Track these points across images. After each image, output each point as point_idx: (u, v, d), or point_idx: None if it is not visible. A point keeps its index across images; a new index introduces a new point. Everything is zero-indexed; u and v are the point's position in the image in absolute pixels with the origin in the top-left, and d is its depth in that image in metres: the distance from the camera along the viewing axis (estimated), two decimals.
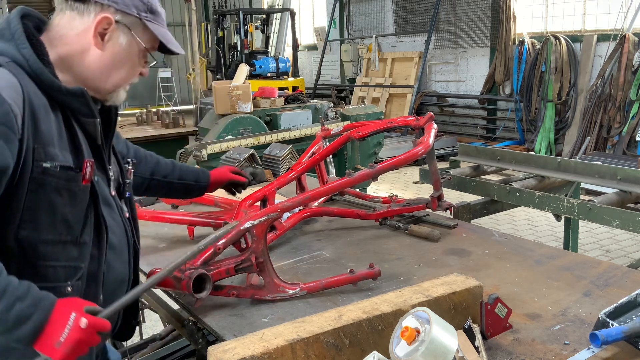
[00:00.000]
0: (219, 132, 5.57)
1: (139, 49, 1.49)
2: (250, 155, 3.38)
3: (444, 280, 1.62)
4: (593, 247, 5.79)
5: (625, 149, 8.32)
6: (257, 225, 1.79)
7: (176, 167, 2.06)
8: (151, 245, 2.40)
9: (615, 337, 1.42)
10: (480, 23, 11.19)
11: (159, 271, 1.78)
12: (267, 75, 12.54)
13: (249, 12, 14.70)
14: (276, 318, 1.71)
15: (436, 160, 2.39)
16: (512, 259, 2.12)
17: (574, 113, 9.26)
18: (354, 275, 1.87)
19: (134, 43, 1.48)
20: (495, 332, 1.55)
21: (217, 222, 2.34)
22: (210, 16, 18.30)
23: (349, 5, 14.56)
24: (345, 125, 2.77)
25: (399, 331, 1.24)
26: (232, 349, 1.30)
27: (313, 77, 14.67)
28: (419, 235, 2.37)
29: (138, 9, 1.46)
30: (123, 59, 1.48)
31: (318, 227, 2.57)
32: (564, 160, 3.32)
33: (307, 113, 6.46)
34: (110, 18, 1.43)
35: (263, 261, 1.80)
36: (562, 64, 9.37)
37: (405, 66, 12.36)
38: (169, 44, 1.52)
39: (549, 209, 2.99)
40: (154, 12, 1.50)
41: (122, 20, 1.45)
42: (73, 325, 1.26)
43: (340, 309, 1.46)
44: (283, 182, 2.49)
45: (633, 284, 1.85)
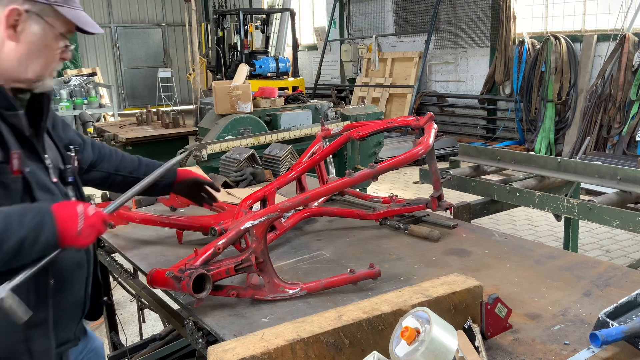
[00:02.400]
0: (219, 132, 5.57)
1: (54, 34, 1.49)
2: (250, 155, 3.38)
3: (444, 280, 1.62)
4: (593, 247, 5.79)
5: (625, 149, 8.32)
6: (257, 225, 1.79)
7: (142, 163, 2.08)
8: (151, 245, 2.40)
9: (615, 337, 1.42)
10: (480, 23, 11.20)
11: (159, 271, 1.79)
12: (267, 75, 12.54)
13: (249, 12, 14.70)
14: (276, 318, 1.71)
15: (436, 160, 2.39)
16: (512, 259, 2.12)
17: (574, 113, 9.26)
18: (354, 275, 1.87)
19: (48, 30, 1.47)
20: (495, 332, 1.55)
21: (207, 226, 2.28)
22: (210, 16, 18.30)
23: (349, 5, 14.56)
24: (345, 125, 2.76)
25: (399, 331, 1.24)
26: (232, 349, 1.30)
27: (313, 77, 14.67)
28: (419, 235, 2.37)
29: None
30: (40, 47, 1.48)
31: (318, 227, 2.57)
32: (564, 160, 3.32)
33: (307, 113, 6.46)
34: (19, 9, 1.43)
35: (263, 261, 1.80)
36: (562, 64, 9.37)
37: (405, 66, 12.36)
38: (84, 25, 1.52)
39: (549, 209, 2.99)
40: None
41: (32, 9, 1.44)
42: (84, 214, 1.43)
43: (340, 309, 1.46)
44: (283, 182, 2.49)
45: (633, 284, 1.85)
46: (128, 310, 4.54)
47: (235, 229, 1.81)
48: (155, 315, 4.09)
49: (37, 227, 1.36)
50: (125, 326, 4.06)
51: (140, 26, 19.54)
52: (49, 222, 1.38)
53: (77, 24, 1.50)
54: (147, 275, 1.84)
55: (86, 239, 1.44)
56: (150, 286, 1.85)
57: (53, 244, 1.39)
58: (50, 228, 1.38)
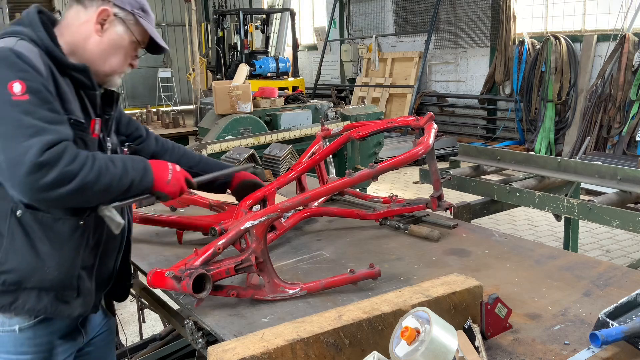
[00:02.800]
0: (219, 132, 5.58)
1: (131, 40, 1.78)
2: (250, 155, 3.38)
3: (444, 280, 1.62)
4: (593, 247, 5.79)
5: (625, 149, 8.32)
6: (257, 225, 1.79)
7: (202, 161, 2.27)
8: (151, 245, 2.40)
9: (615, 337, 1.42)
10: (480, 23, 11.20)
11: (159, 271, 1.79)
12: (267, 75, 12.54)
13: (249, 12, 14.70)
14: (276, 318, 1.71)
15: (436, 160, 2.39)
16: (512, 259, 2.12)
17: (574, 113, 9.26)
18: (354, 275, 1.87)
19: (127, 34, 1.77)
20: (495, 332, 1.55)
21: (207, 226, 2.29)
22: (210, 16, 18.30)
23: (349, 5, 14.56)
24: (345, 125, 2.76)
25: (399, 331, 1.24)
26: (232, 349, 1.30)
27: (313, 77, 14.67)
28: (419, 235, 2.37)
29: (132, 6, 1.77)
30: (118, 47, 1.77)
31: (318, 227, 2.57)
32: (564, 160, 3.32)
33: (307, 113, 6.46)
34: (109, 10, 1.74)
35: (263, 261, 1.80)
36: (562, 64, 9.37)
37: (405, 66, 12.36)
38: (157, 38, 1.84)
39: (549, 209, 2.99)
40: (145, 11, 1.81)
41: (119, 13, 1.75)
42: (172, 169, 1.82)
43: (340, 309, 1.46)
44: (283, 182, 2.49)
45: (633, 284, 1.85)
46: (128, 310, 4.54)
47: (235, 229, 1.81)
48: (155, 315, 4.09)
49: (142, 172, 1.72)
50: (125, 326, 4.06)
51: None
52: (149, 169, 1.74)
53: (152, 35, 1.82)
54: (147, 275, 1.84)
55: (174, 188, 1.80)
56: (150, 286, 1.85)
57: (150, 187, 1.75)
58: (150, 174, 1.74)
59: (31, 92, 1.54)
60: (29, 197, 1.52)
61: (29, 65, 1.57)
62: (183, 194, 1.89)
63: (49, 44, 1.66)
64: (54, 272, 1.68)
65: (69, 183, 1.52)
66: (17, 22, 1.72)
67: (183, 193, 1.88)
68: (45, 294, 1.69)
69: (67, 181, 1.51)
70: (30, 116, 1.52)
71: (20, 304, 1.67)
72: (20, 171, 1.47)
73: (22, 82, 1.53)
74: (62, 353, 1.82)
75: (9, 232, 1.64)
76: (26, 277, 1.66)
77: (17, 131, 1.50)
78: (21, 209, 1.63)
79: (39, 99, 1.55)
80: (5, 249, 1.65)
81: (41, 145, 1.49)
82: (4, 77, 1.53)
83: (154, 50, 1.88)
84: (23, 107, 1.52)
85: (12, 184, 1.51)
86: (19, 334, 1.72)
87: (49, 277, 1.68)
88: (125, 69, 1.82)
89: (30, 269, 1.66)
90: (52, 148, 1.50)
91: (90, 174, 1.56)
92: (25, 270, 1.66)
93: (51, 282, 1.69)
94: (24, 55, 1.58)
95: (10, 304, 1.67)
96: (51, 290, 1.70)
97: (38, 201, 1.55)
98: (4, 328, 1.71)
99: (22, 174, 1.47)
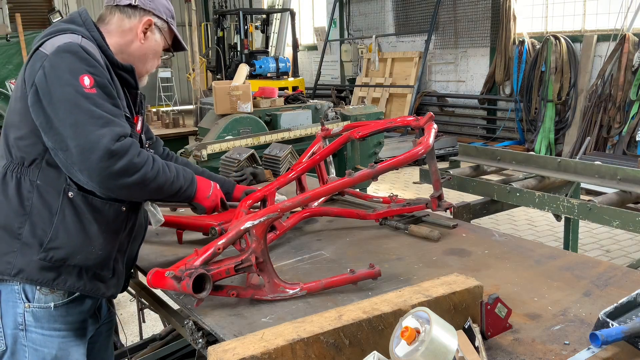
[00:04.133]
0: (219, 132, 5.57)
1: (163, 44, 1.99)
2: (250, 155, 3.37)
3: (444, 280, 1.61)
4: (593, 247, 5.79)
5: (625, 149, 8.32)
6: (257, 225, 1.79)
7: (204, 174, 2.35)
8: (151, 245, 2.40)
9: (615, 337, 1.42)
10: (480, 23, 11.20)
11: (159, 271, 1.79)
12: (267, 75, 12.54)
13: (249, 12, 14.70)
14: (276, 318, 1.71)
15: (436, 160, 2.39)
16: (512, 259, 2.12)
17: (574, 113, 9.26)
18: (354, 275, 1.87)
19: (162, 40, 1.98)
20: (495, 332, 1.55)
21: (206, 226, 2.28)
22: (210, 16, 18.31)
23: (349, 5, 14.56)
24: (345, 125, 2.76)
25: (399, 331, 1.24)
26: (232, 349, 1.30)
27: (313, 77, 14.67)
28: (419, 235, 2.37)
29: (167, 15, 1.98)
30: (154, 51, 1.97)
31: (318, 227, 2.57)
32: (564, 160, 3.32)
33: (307, 113, 6.45)
34: (152, 20, 1.93)
35: (263, 261, 1.80)
36: (562, 64, 9.37)
37: (405, 66, 12.36)
38: (181, 40, 2.07)
39: (549, 209, 2.99)
40: (174, 18, 2.03)
41: (157, 22, 1.95)
42: (214, 187, 2.10)
43: (340, 309, 1.46)
44: (283, 182, 2.49)
45: (633, 284, 1.85)
46: (128, 310, 4.54)
47: (235, 229, 1.81)
48: (155, 315, 4.09)
49: (190, 182, 1.95)
50: (125, 326, 4.06)
51: None
52: (195, 182, 1.99)
53: (180, 40, 2.04)
54: (147, 275, 1.84)
55: (212, 203, 2.08)
56: (150, 286, 1.85)
57: (192, 196, 1.98)
58: (195, 186, 1.99)
59: (99, 87, 1.67)
60: (97, 181, 1.63)
61: (96, 61, 1.70)
62: (216, 211, 2.13)
63: (102, 43, 1.81)
64: (98, 251, 1.80)
65: (133, 175, 1.66)
66: (70, 21, 1.83)
67: (217, 211, 2.12)
68: (85, 272, 1.80)
69: (132, 172, 1.66)
70: (99, 108, 1.64)
71: (62, 280, 1.77)
72: (93, 156, 1.59)
73: (91, 77, 1.66)
74: (90, 331, 1.97)
75: (60, 211, 1.74)
76: (72, 255, 1.75)
77: (90, 120, 1.62)
78: (73, 191, 1.74)
79: (105, 93, 1.68)
80: (56, 227, 1.74)
81: (113, 135, 1.62)
82: (76, 70, 1.65)
83: (176, 49, 2.08)
84: (93, 100, 1.64)
85: (82, 168, 1.62)
86: (54, 311, 1.81)
87: (93, 257, 1.79)
88: (153, 70, 2.04)
89: (78, 247, 1.76)
90: (121, 139, 1.64)
91: (151, 171, 1.72)
92: (73, 248, 1.75)
93: (94, 261, 1.80)
94: (91, 52, 1.71)
95: (53, 279, 1.76)
96: (91, 269, 1.81)
97: (104, 186, 1.66)
98: (40, 304, 1.79)
99: (95, 159, 1.59)
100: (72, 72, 1.65)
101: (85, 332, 1.93)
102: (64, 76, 1.64)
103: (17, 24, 8.85)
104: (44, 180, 1.74)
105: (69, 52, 1.67)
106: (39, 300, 1.78)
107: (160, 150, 2.35)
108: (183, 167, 1.95)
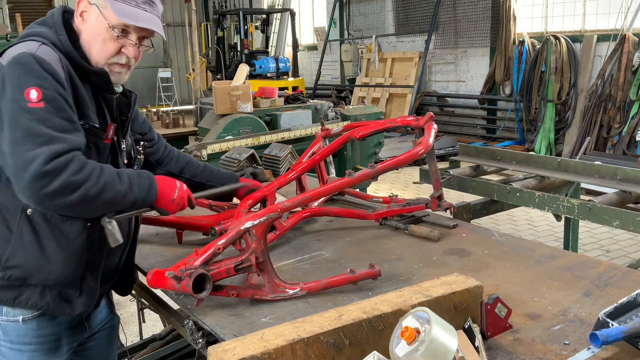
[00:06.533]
0: (219, 132, 5.57)
1: (105, 26, 1.70)
2: (250, 155, 3.37)
3: (444, 280, 1.61)
4: (593, 247, 5.79)
5: (625, 149, 8.32)
6: (257, 225, 1.79)
7: (206, 170, 2.30)
8: (151, 245, 2.40)
9: (615, 337, 1.42)
10: (480, 23, 11.19)
11: (159, 271, 1.79)
12: (267, 75, 12.53)
13: (249, 12, 14.70)
14: (276, 318, 1.71)
15: (436, 160, 2.39)
16: (512, 259, 2.12)
17: (574, 113, 9.26)
18: (354, 275, 1.87)
19: (101, 20, 1.70)
20: (495, 332, 1.55)
21: (206, 226, 2.29)
22: (210, 16, 18.31)
23: (349, 5, 14.56)
24: (345, 125, 2.76)
25: (399, 331, 1.24)
26: (232, 349, 1.30)
27: (313, 77, 14.67)
28: (419, 235, 2.37)
29: None
30: (93, 35, 1.72)
31: (318, 227, 2.57)
32: (564, 160, 3.32)
33: (307, 113, 6.45)
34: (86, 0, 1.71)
35: (263, 261, 1.80)
36: (562, 64, 9.37)
37: (405, 66, 12.36)
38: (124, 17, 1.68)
39: (549, 209, 2.99)
40: None
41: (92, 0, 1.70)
42: (180, 187, 1.86)
43: (340, 309, 1.46)
44: (283, 182, 2.49)
45: (633, 284, 1.85)
46: (128, 310, 4.54)
47: (235, 229, 1.81)
48: (155, 315, 4.09)
49: (147, 190, 1.74)
50: (125, 326, 4.06)
51: None
52: (154, 187, 1.77)
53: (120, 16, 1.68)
54: (147, 275, 1.84)
55: (177, 207, 1.85)
56: (150, 286, 1.85)
57: (152, 203, 1.78)
58: (154, 192, 1.77)
59: (47, 100, 1.56)
60: (32, 203, 1.56)
61: (48, 71, 1.58)
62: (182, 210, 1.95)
63: (69, 49, 1.68)
64: (58, 270, 1.72)
65: (72, 193, 1.54)
66: (42, 22, 1.74)
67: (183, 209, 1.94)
68: (48, 291, 1.73)
69: (71, 191, 1.54)
70: (43, 124, 1.54)
71: (23, 299, 1.71)
72: (25, 178, 1.50)
73: (39, 89, 1.55)
74: (66, 345, 1.87)
75: (17, 229, 1.68)
76: (31, 274, 1.70)
77: (28, 138, 1.52)
78: (32, 208, 1.66)
79: (53, 107, 1.56)
80: (14, 245, 1.69)
81: (49, 154, 1.51)
82: (22, 83, 1.56)
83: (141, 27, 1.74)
84: (37, 115, 1.54)
85: (18, 188, 1.55)
86: (23, 325, 1.76)
87: (53, 276, 1.71)
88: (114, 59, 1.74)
89: (36, 266, 1.69)
90: (59, 157, 1.52)
91: (94, 187, 1.58)
92: (31, 266, 1.69)
93: (55, 280, 1.72)
94: (45, 62, 1.59)
95: (14, 298, 1.71)
96: (54, 288, 1.73)
97: (43, 207, 1.58)
98: (8, 317, 1.75)
99: (26, 180, 1.50)
100: (19, 85, 1.55)
101: (59, 346, 1.85)
102: (10, 90, 1.56)
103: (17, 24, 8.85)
104: (3, 197, 1.68)
105: (20, 64, 1.58)
106: (7, 313, 1.75)
107: (162, 149, 2.26)
108: (140, 174, 1.75)
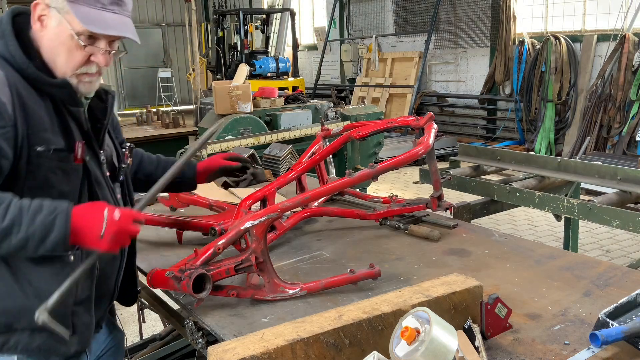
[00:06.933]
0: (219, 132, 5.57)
1: (69, 33, 1.46)
2: (250, 155, 3.37)
3: (444, 280, 1.62)
4: (593, 247, 5.79)
5: (625, 149, 8.32)
6: (257, 225, 1.79)
7: (160, 164, 2.08)
8: (151, 245, 2.40)
9: (615, 337, 1.42)
10: (480, 23, 11.19)
11: (159, 271, 1.79)
12: (267, 75, 12.52)
13: (249, 12, 14.69)
14: (276, 318, 1.71)
15: (436, 160, 2.39)
16: (512, 259, 2.12)
17: (574, 113, 9.26)
18: (354, 275, 1.87)
19: (63, 26, 1.46)
20: (495, 332, 1.55)
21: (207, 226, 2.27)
22: (210, 16, 18.29)
23: (349, 5, 14.55)
24: (345, 125, 2.76)
25: (399, 331, 1.24)
26: (232, 349, 1.30)
27: (313, 77, 14.66)
28: (419, 235, 2.37)
29: None
30: (56, 43, 1.48)
31: (318, 227, 2.57)
32: (564, 160, 3.33)
33: (307, 113, 6.45)
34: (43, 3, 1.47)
35: (263, 261, 1.80)
36: (562, 64, 9.37)
37: (405, 66, 12.35)
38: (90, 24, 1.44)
39: (549, 209, 2.99)
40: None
41: (52, 3, 1.46)
42: (108, 218, 1.41)
43: (340, 309, 1.46)
44: (283, 182, 2.49)
45: (633, 284, 1.85)
46: (128, 310, 4.53)
47: (235, 229, 1.81)
48: (155, 315, 4.08)
49: (46, 227, 1.37)
50: (125, 326, 4.05)
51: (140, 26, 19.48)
52: (59, 224, 1.38)
53: (84, 23, 1.44)
54: (147, 275, 1.84)
55: (113, 243, 1.43)
56: (150, 286, 1.85)
57: (62, 245, 1.39)
58: (60, 229, 1.38)
59: None
60: None
61: None
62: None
63: (21, 61, 1.45)
64: None
65: None
66: None
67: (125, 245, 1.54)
68: (38, 333, 1.55)
69: None
70: None
71: (12, 344, 1.55)
72: None
73: None
74: None
75: None
76: (16, 319, 1.53)
77: None
78: None
79: None
80: None
81: None
82: None
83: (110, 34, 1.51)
84: None
85: None
86: None
87: None
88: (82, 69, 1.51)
89: (20, 310, 1.53)
90: None
91: None
92: (15, 311, 1.53)
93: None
94: None
95: (2, 345, 1.55)
96: (43, 330, 1.50)
97: None
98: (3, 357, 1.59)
99: None
100: None
101: None
102: None
103: None
104: None
105: None
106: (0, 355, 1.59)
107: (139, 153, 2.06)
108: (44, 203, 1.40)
